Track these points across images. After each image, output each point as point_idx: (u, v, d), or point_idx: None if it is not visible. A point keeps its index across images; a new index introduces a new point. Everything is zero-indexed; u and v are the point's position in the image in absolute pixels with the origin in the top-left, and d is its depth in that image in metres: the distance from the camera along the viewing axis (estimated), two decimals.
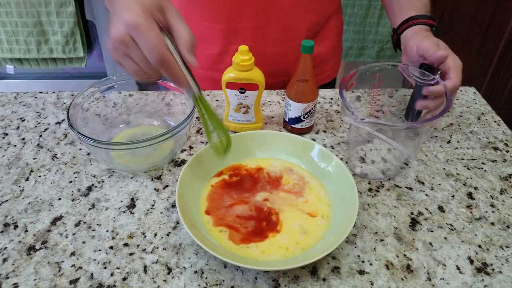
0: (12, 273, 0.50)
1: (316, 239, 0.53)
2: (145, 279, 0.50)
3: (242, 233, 0.54)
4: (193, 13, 0.78)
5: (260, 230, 0.55)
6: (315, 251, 0.51)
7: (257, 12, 0.75)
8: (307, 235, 0.54)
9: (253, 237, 0.54)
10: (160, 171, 0.64)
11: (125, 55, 0.48)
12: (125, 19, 0.45)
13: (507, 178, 0.65)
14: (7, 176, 0.63)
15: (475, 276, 0.51)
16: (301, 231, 0.55)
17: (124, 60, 0.48)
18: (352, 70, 0.61)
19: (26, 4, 1.33)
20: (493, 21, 1.62)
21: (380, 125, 0.53)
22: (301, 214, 0.57)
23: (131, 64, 0.48)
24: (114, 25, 0.46)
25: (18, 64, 1.49)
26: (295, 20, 0.78)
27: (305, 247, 0.53)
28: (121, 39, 0.46)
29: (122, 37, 0.45)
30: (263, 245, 0.53)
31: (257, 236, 0.54)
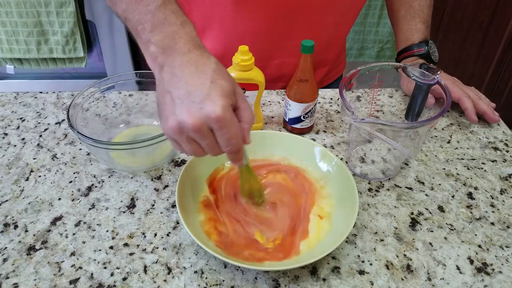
0: (12, 273, 0.50)
1: (316, 239, 0.53)
2: (145, 279, 0.50)
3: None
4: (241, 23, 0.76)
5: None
6: (315, 251, 0.51)
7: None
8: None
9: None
10: (160, 171, 0.64)
11: (190, 139, 0.45)
12: (208, 112, 0.42)
13: (507, 178, 0.65)
14: (7, 176, 0.63)
15: (475, 276, 0.51)
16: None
17: (186, 142, 0.45)
18: (352, 70, 0.61)
19: (26, 4, 1.33)
20: (493, 21, 1.62)
21: (380, 125, 0.53)
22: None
23: (194, 146, 0.45)
24: (187, 110, 0.42)
25: (18, 64, 1.49)
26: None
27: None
28: (197, 128, 0.42)
29: (200, 127, 0.42)
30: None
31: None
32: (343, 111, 0.55)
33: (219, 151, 0.46)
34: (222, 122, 0.42)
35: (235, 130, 0.44)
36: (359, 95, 0.71)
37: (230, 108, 0.43)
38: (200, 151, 0.46)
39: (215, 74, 0.44)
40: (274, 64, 0.82)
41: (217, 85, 0.43)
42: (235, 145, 0.45)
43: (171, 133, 0.44)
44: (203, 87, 0.43)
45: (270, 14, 0.74)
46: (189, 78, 0.43)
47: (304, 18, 0.75)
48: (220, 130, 0.43)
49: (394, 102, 0.80)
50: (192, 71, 0.44)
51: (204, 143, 0.45)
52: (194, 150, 0.46)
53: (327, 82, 0.93)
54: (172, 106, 0.43)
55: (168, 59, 0.45)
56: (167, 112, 0.44)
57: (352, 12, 0.81)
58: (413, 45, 0.78)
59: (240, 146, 0.46)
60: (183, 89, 0.43)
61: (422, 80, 0.62)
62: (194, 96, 0.42)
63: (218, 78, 0.44)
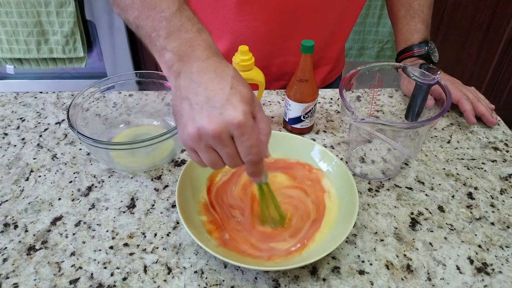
0: (12, 273, 0.50)
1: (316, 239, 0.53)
2: (145, 279, 0.50)
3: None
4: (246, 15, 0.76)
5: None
6: (315, 251, 0.51)
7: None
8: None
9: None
10: (160, 171, 0.64)
11: (209, 147, 0.43)
12: (230, 117, 0.40)
13: (507, 178, 0.65)
14: (7, 176, 0.63)
15: (475, 276, 0.51)
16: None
17: (205, 151, 0.43)
18: (352, 70, 0.61)
19: (26, 4, 1.33)
20: (493, 21, 1.62)
21: (380, 125, 0.53)
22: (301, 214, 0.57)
23: (213, 156, 0.43)
24: (207, 115, 0.41)
25: (18, 64, 1.49)
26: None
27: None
28: (218, 135, 0.41)
29: (220, 134, 0.41)
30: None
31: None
32: (343, 111, 0.55)
33: (238, 161, 0.44)
34: (243, 128, 0.40)
35: (257, 138, 0.42)
36: (359, 95, 0.71)
37: (250, 115, 0.42)
38: (219, 161, 0.44)
39: (234, 80, 0.43)
40: (276, 63, 0.82)
41: (237, 91, 0.42)
42: (256, 154, 0.43)
43: (189, 140, 0.43)
44: (223, 92, 0.41)
45: (272, 14, 0.74)
46: (208, 84, 0.42)
47: (305, 17, 0.75)
48: (242, 136, 0.41)
49: (394, 102, 0.80)
50: (211, 77, 0.43)
51: (223, 152, 0.43)
52: (212, 160, 0.44)
53: (329, 81, 0.94)
54: (190, 113, 0.42)
55: (185, 66, 0.44)
56: (185, 119, 0.42)
57: (354, 9, 0.81)
58: (413, 46, 0.78)
59: (261, 156, 0.44)
60: (202, 94, 0.42)
61: (422, 80, 0.62)
62: (214, 101, 0.41)
63: (238, 84, 0.43)
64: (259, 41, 0.77)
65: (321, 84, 0.91)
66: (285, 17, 0.75)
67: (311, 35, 0.75)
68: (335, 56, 0.88)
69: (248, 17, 0.74)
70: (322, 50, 0.83)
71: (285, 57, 0.81)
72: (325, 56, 0.86)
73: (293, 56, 0.80)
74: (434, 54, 0.78)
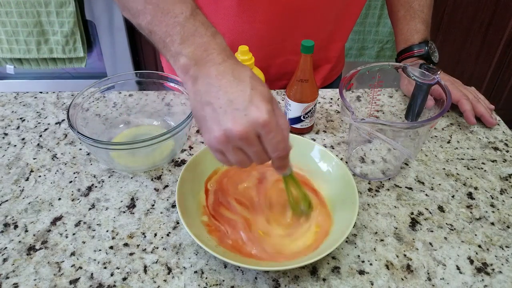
0: (12, 273, 0.50)
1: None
2: (145, 279, 0.50)
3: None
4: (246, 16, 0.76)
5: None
6: (315, 251, 0.51)
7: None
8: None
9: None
10: (160, 171, 0.64)
11: (236, 148, 0.44)
12: (255, 118, 0.41)
13: (507, 178, 0.65)
14: (7, 176, 0.63)
15: (475, 276, 0.51)
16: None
17: (232, 152, 0.44)
18: (352, 70, 0.61)
19: (26, 4, 1.33)
20: (493, 21, 1.62)
21: (380, 125, 0.53)
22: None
23: (241, 156, 0.45)
24: (232, 118, 0.42)
25: (18, 64, 1.49)
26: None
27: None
28: (245, 136, 0.42)
29: (247, 134, 0.42)
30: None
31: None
32: (343, 111, 0.55)
33: (266, 158, 0.45)
34: (269, 127, 0.42)
35: (282, 134, 0.44)
36: (359, 95, 0.71)
37: (273, 113, 0.43)
38: (246, 160, 0.45)
39: (253, 81, 0.44)
40: (277, 63, 0.82)
41: (257, 91, 0.43)
42: (283, 150, 0.45)
43: (216, 144, 0.43)
44: (244, 94, 0.42)
45: (272, 14, 0.74)
46: (228, 87, 0.43)
47: (305, 16, 0.75)
48: (268, 134, 0.42)
49: (394, 102, 0.80)
50: (230, 79, 0.43)
51: (251, 151, 0.44)
52: (240, 160, 0.45)
53: (329, 81, 0.94)
54: (215, 117, 0.43)
55: (202, 71, 0.45)
56: (209, 124, 0.43)
57: (354, 9, 0.81)
58: (413, 46, 0.78)
59: (288, 150, 0.46)
60: (223, 98, 0.43)
61: (422, 80, 0.62)
62: (237, 103, 0.42)
63: (257, 85, 0.44)
64: (259, 41, 0.77)
65: (321, 84, 0.91)
66: (285, 17, 0.75)
67: (311, 35, 0.75)
68: (335, 56, 0.88)
69: (248, 17, 0.74)
70: (322, 50, 0.83)
71: (285, 57, 0.82)
72: (325, 56, 0.86)
73: (293, 56, 0.80)
74: (434, 54, 0.78)
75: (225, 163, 0.47)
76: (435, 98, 0.62)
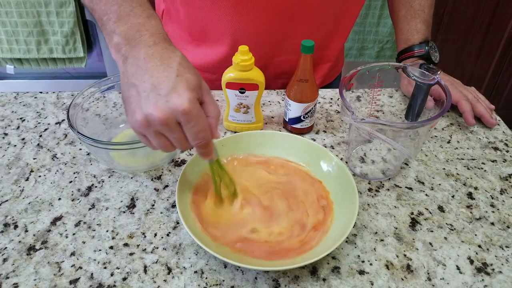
0: (12, 273, 0.50)
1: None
2: (145, 279, 0.50)
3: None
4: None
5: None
6: (315, 251, 0.51)
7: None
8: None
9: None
10: (160, 171, 0.64)
11: (158, 132, 0.45)
12: (175, 105, 0.42)
13: (507, 178, 0.65)
14: (7, 176, 0.63)
15: (475, 276, 0.51)
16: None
17: (154, 136, 0.45)
18: (352, 70, 0.61)
19: (26, 4, 1.33)
20: (493, 21, 1.62)
21: (380, 125, 0.53)
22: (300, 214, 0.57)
23: (162, 140, 0.46)
24: (153, 103, 0.42)
25: (18, 64, 1.49)
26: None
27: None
28: (164, 122, 0.43)
29: (167, 120, 0.43)
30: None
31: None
32: (343, 111, 0.55)
33: (187, 145, 0.46)
34: (189, 116, 0.42)
35: (203, 124, 0.44)
36: (359, 95, 0.71)
37: (196, 102, 0.43)
38: (168, 145, 0.46)
39: (181, 68, 0.44)
40: (276, 62, 0.82)
41: (182, 79, 0.43)
42: (203, 139, 0.45)
43: (138, 127, 0.44)
44: (168, 80, 0.43)
45: (270, 13, 0.74)
46: (154, 71, 0.43)
47: (304, 15, 0.75)
48: (188, 123, 0.43)
49: (394, 102, 0.80)
50: (157, 64, 0.44)
51: (172, 137, 0.45)
52: (162, 144, 0.46)
53: (328, 81, 0.94)
54: (138, 100, 0.43)
55: (132, 51, 0.45)
56: (133, 106, 0.44)
57: (353, 8, 0.81)
58: (414, 46, 0.78)
59: (208, 140, 0.46)
60: (148, 82, 0.43)
61: (422, 80, 0.62)
62: (160, 89, 0.42)
63: (184, 72, 0.44)
64: (258, 40, 0.77)
65: (320, 83, 0.91)
66: (283, 16, 0.75)
67: (310, 34, 0.75)
68: (334, 54, 0.88)
69: (246, 17, 0.74)
70: (321, 48, 0.83)
71: (283, 56, 0.82)
72: (324, 54, 0.86)
73: (291, 55, 0.80)
74: (435, 55, 0.78)
75: (149, 146, 0.47)
76: (435, 98, 0.62)
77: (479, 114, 0.74)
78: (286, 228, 0.54)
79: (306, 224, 0.55)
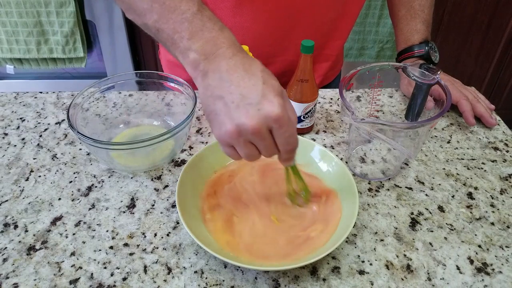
0: (12, 273, 0.50)
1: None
2: (145, 279, 0.50)
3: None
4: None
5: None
6: (315, 251, 0.51)
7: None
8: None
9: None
10: (160, 171, 0.64)
11: (248, 142, 0.44)
12: (267, 112, 0.42)
13: (507, 178, 0.65)
14: (7, 176, 0.63)
15: (475, 276, 0.51)
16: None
17: (243, 145, 0.44)
18: (352, 70, 0.61)
19: (26, 4, 1.33)
20: (493, 21, 1.62)
21: (380, 125, 0.53)
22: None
23: (251, 150, 0.45)
24: (245, 113, 0.42)
25: (18, 64, 1.49)
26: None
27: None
28: (258, 131, 0.42)
29: (261, 129, 0.42)
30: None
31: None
32: (343, 111, 0.55)
33: (275, 151, 0.46)
34: (281, 121, 0.42)
35: (293, 128, 0.44)
36: (359, 95, 0.71)
37: (285, 107, 0.43)
38: (256, 153, 0.46)
39: (265, 75, 0.44)
40: (276, 61, 0.82)
41: (269, 85, 0.43)
42: (293, 144, 0.45)
43: (228, 138, 0.44)
44: (256, 88, 0.43)
45: (270, 14, 0.74)
46: (240, 81, 0.43)
47: (304, 15, 0.75)
48: (280, 129, 0.43)
49: (394, 102, 0.80)
50: (242, 74, 0.44)
51: (262, 145, 0.44)
52: (250, 153, 0.45)
53: (328, 80, 0.94)
54: (227, 111, 0.43)
55: (212, 65, 0.45)
56: (221, 118, 0.44)
57: (353, 8, 0.81)
58: (414, 46, 0.78)
59: (297, 145, 0.46)
60: (236, 92, 0.43)
61: (422, 80, 0.62)
62: (250, 98, 0.42)
63: (269, 78, 0.44)
64: (258, 40, 0.77)
65: (320, 83, 0.91)
66: (284, 16, 0.75)
67: (310, 33, 0.75)
68: (334, 54, 0.88)
69: (247, 17, 0.74)
70: (321, 47, 0.83)
71: (283, 56, 0.82)
72: (324, 53, 0.86)
73: (291, 55, 0.80)
74: (435, 55, 0.78)
75: (233, 156, 0.47)
76: (435, 98, 0.62)
77: (479, 114, 0.74)
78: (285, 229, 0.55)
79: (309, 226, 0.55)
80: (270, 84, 0.44)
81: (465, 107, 0.73)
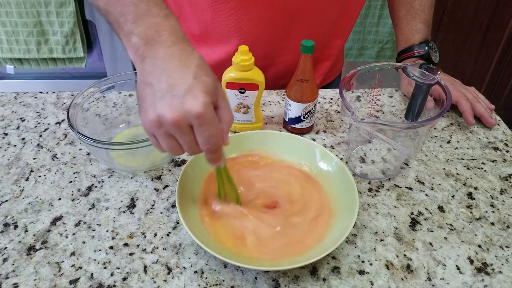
0: (12, 273, 0.50)
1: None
2: (145, 279, 0.50)
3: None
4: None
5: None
6: (315, 251, 0.51)
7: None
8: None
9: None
10: (160, 171, 0.64)
11: (168, 134, 0.44)
12: (189, 107, 0.41)
13: (507, 178, 0.65)
14: (7, 176, 0.63)
15: (475, 276, 0.51)
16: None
17: (164, 137, 0.44)
18: (352, 70, 0.61)
19: (26, 4, 1.33)
20: (493, 21, 1.62)
21: (380, 125, 0.53)
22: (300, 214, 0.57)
23: (172, 143, 0.45)
24: (168, 103, 0.42)
25: (18, 64, 1.49)
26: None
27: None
28: (177, 123, 0.42)
29: (179, 122, 0.42)
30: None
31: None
32: (343, 111, 0.55)
33: (197, 149, 0.45)
34: (202, 119, 0.42)
35: (215, 129, 0.43)
36: (359, 95, 0.71)
37: (211, 106, 0.43)
38: (177, 148, 0.45)
39: (198, 70, 0.44)
40: (277, 62, 0.82)
41: (199, 81, 0.43)
42: (214, 144, 0.44)
43: (149, 126, 0.44)
44: (185, 81, 0.42)
45: (271, 14, 0.74)
46: (171, 72, 0.43)
47: (305, 15, 0.75)
48: (200, 127, 0.42)
49: (394, 102, 0.80)
50: (176, 64, 0.43)
51: (182, 140, 0.44)
52: (171, 146, 0.45)
53: (328, 80, 0.94)
54: (152, 99, 0.43)
55: (151, 51, 0.45)
56: (146, 105, 0.44)
57: (353, 8, 0.81)
58: (414, 46, 0.78)
59: (219, 145, 0.46)
60: (164, 82, 0.43)
61: (422, 80, 0.62)
62: (176, 90, 0.42)
63: (202, 74, 0.43)
64: (258, 40, 0.77)
65: (320, 83, 0.91)
66: (284, 16, 0.75)
67: (310, 33, 0.75)
68: (334, 53, 0.88)
69: (246, 18, 0.74)
70: (321, 47, 0.83)
71: (284, 56, 0.82)
72: (325, 53, 0.86)
73: (292, 55, 0.80)
74: (435, 55, 0.78)
75: (157, 147, 0.47)
76: (435, 98, 0.62)
77: (479, 114, 0.74)
78: (285, 229, 0.55)
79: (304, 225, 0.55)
80: (201, 80, 0.43)
81: (465, 107, 0.73)
